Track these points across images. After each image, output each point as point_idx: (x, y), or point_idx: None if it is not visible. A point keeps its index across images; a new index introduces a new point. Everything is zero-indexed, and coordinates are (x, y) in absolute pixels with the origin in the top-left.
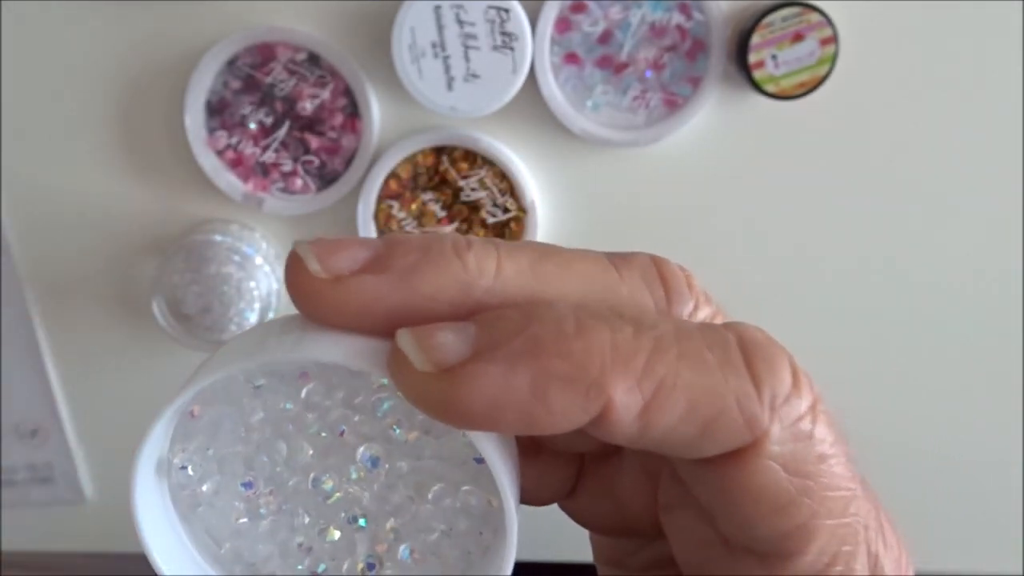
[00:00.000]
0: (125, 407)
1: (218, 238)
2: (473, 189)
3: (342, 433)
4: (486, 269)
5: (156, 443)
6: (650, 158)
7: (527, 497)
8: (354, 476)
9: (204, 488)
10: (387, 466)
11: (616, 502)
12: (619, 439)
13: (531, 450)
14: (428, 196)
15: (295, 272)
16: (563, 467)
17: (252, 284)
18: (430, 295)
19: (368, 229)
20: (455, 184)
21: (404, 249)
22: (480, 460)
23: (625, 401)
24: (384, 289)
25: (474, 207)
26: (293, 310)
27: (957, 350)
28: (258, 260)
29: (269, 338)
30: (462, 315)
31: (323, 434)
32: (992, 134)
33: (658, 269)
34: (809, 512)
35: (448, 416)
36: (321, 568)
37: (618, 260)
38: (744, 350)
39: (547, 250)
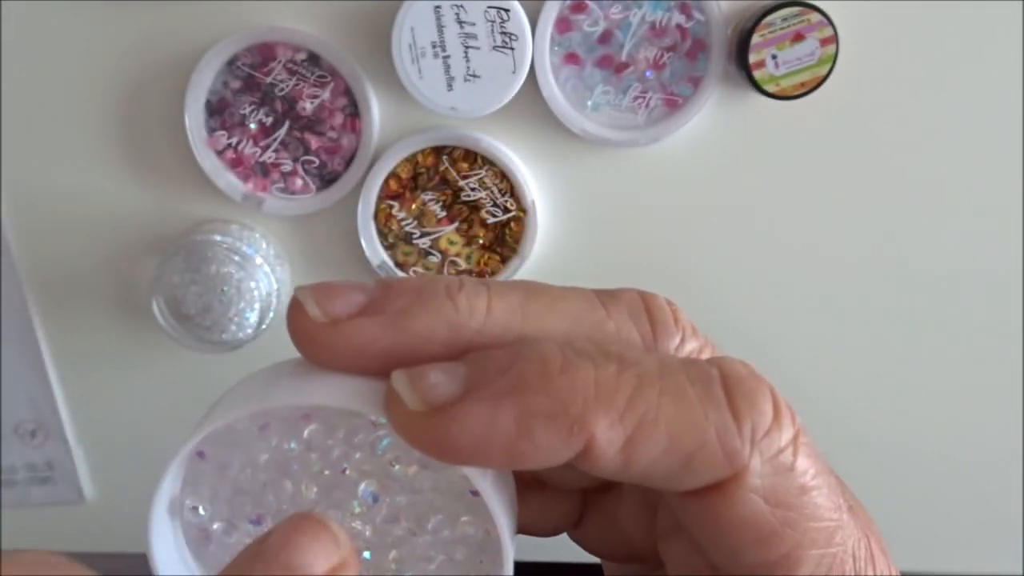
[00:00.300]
0: (125, 407)
1: (218, 238)
2: (473, 189)
3: (344, 471)
4: (477, 310)
5: (169, 485)
6: (650, 158)
7: (534, 528)
8: (356, 511)
9: (215, 527)
10: (387, 500)
11: (619, 532)
12: (603, 473)
13: (534, 484)
14: (428, 196)
15: (296, 317)
16: (565, 500)
17: (252, 284)
18: (423, 336)
19: (368, 229)
20: (455, 184)
21: (397, 292)
22: (476, 492)
23: (607, 436)
24: (378, 331)
25: (474, 207)
26: None
27: (957, 350)
28: (258, 260)
29: (272, 383)
30: (455, 354)
31: (326, 472)
32: (992, 134)
33: (645, 304)
34: (792, 542)
35: (439, 453)
36: None
37: (605, 297)
38: (726, 385)
39: (536, 289)
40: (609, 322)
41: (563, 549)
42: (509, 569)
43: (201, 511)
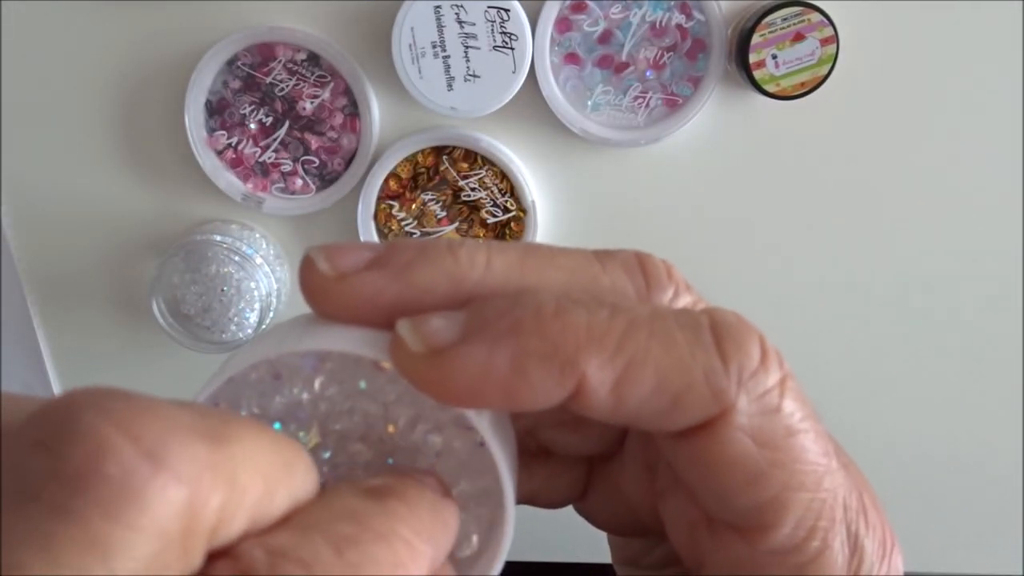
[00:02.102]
0: None
1: (218, 238)
2: (473, 189)
3: (350, 416)
4: (476, 263)
5: None
6: (650, 158)
7: (541, 499)
8: (362, 459)
9: None
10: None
11: (624, 501)
12: (596, 413)
13: (540, 454)
14: (428, 196)
15: (307, 271)
16: (570, 470)
17: (252, 284)
18: (425, 288)
19: (368, 229)
20: (455, 184)
21: (402, 249)
22: (482, 443)
23: (598, 376)
24: (383, 283)
25: (474, 207)
26: (291, 311)
27: (957, 350)
28: (258, 260)
29: (283, 334)
30: (456, 306)
31: (336, 425)
32: (992, 134)
33: (639, 261)
34: (780, 484)
35: (439, 392)
36: None
37: (602, 255)
38: (714, 330)
39: (534, 247)
40: (604, 276)
41: (564, 549)
42: (511, 515)
43: None
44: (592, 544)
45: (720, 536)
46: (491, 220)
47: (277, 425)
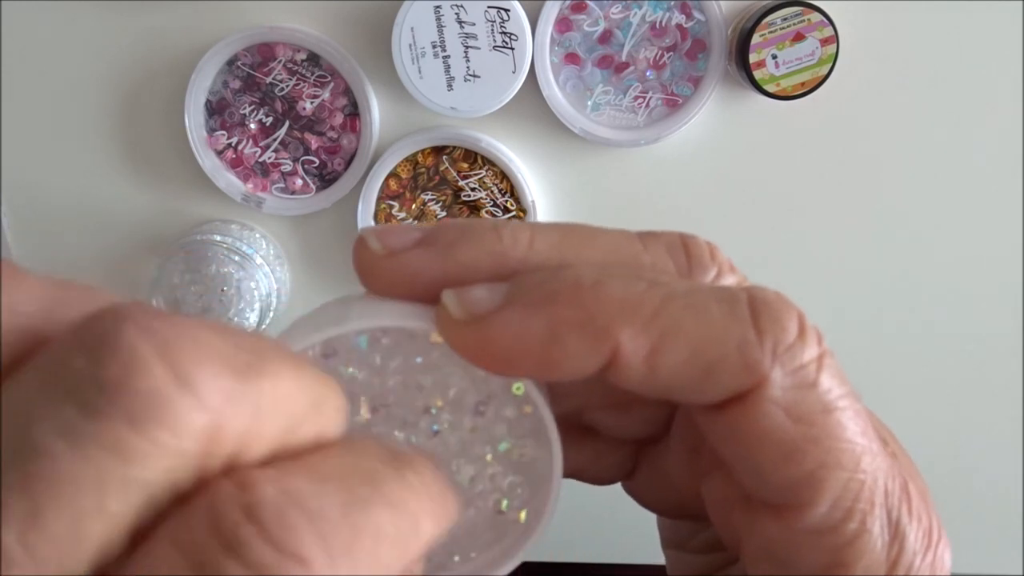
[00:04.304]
0: None
1: (218, 238)
2: (473, 189)
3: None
4: (520, 241)
5: None
6: (650, 158)
7: (588, 474)
8: (414, 439)
9: None
10: (441, 427)
11: (669, 484)
12: (631, 383)
13: (588, 433)
14: (428, 196)
15: (360, 250)
16: (617, 450)
17: (252, 284)
18: (470, 265)
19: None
20: (455, 184)
21: (448, 228)
22: (530, 412)
23: (632, 345)
24: (429, 260)
25: (474, 207)
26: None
27: (957, 349)
28: (258, 260)
29: (336, 312)
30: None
31: (390, 398)
32: (993, 133)
33: (683, 242)
34: (816, 461)
35: (478, 357)
36: None
37: (645, 235)
38: (752, 305)
39: (577, 227)
40: (646, 255)
41: (563, 549)
42: (558, 476)
43: None
44: (592, 544)
45: (756, 515)
46: None
47: None
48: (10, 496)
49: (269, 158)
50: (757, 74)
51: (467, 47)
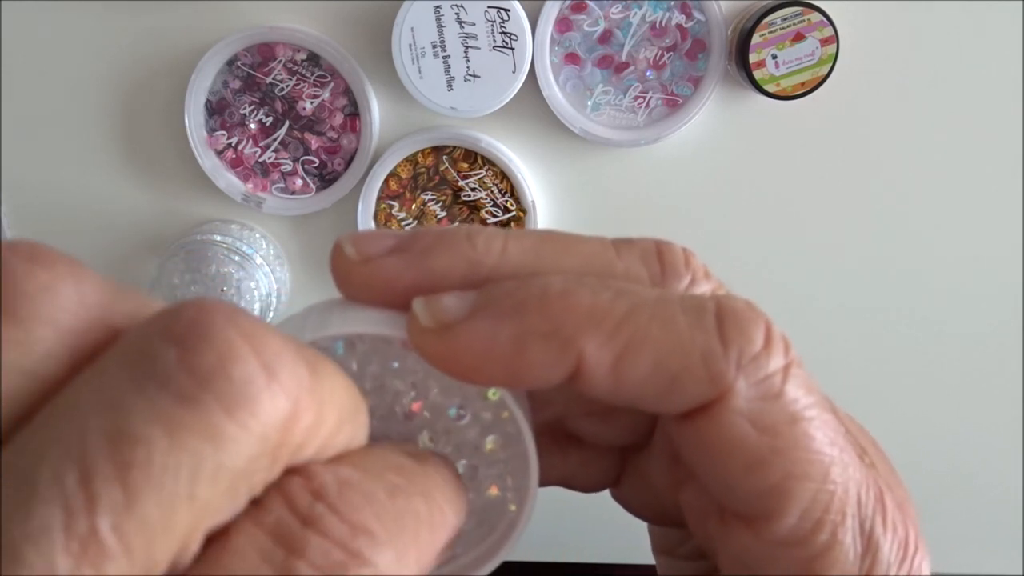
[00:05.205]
0: None
1: (218, 238)
2: (473, 189)
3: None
4: (492, 249)
5: None
6: (650, 158)
7: (575, 481)
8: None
9: None
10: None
11: (653, 491)
12: (597, 392)
13: (573, 441)
14: (428, 196)
15: (336, 256)
16: (603, 458)
17: (252, 284)
18: (443, 272)
19: (368, 229)
20: (455, 184)
21: (422, 236)
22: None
23: (596, 356)
24: (403, 267)
25: (474, 207)
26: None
27: (956, 349)
28: (258, 260)
29: (312, 319)
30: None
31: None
32: (992, 133)
33: (658, 249)
34: (782, 472)
35: (446, 365)
36: None
37: (620, 242)
38: (719, 315)
39: (551, 234)
40: (619, 263)
41: (563, 549)
42: (535, 480)
43: None
44: (592, 544)
45: (729, 526)
46: (491, 220)
47: None
48: (106, 484)
49: (269, 158)
50: (757, 74)
51: (467, 47)
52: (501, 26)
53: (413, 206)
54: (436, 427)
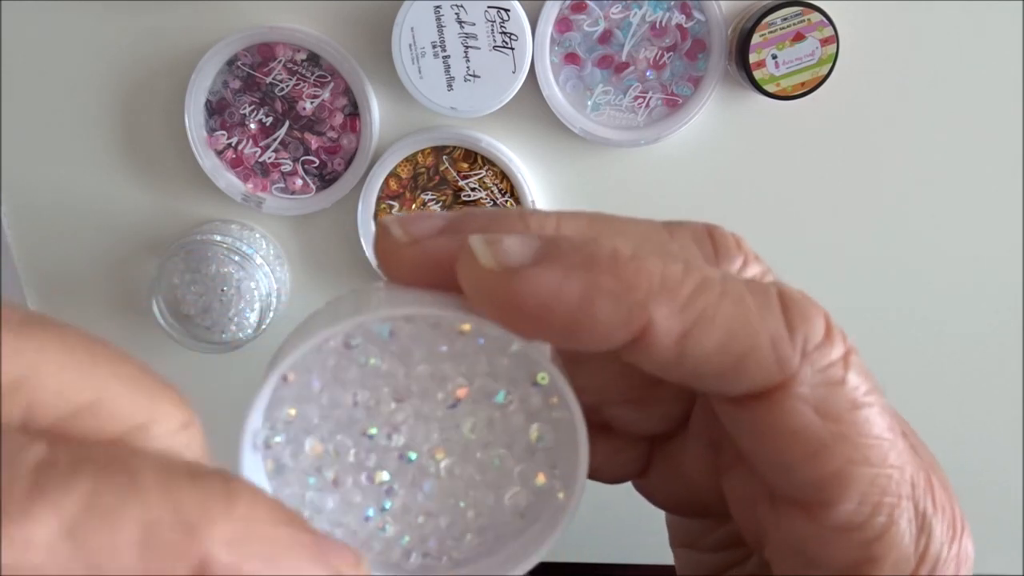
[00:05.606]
0: None
1: (218, 238)
2: (473, 189)
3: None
4: (547, 226)
5: (257, 415)
6: (650, 158)
7: (600, 474)
8: (438, 432)
9: (294, 450)
10: (465, 412)
11: (685, 480)
12: (657, 363)
13: (601, 430)
14: (428, 196)
15: (382, 237)
16: (631, 447)
17: (252, 284)
18: None
19: (368, 229)
20: (455, 184)
21: (474, 215)
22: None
23: (665, 325)
24: (454, 247)
25: (474, 207)
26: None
27: (957, 349)
28: (258, 260)
29: (358, 302)
30: None
31: (412, 387)
32: (992, 133)
33: (708, 232)
34: (843, 458)
35: (503, 312)
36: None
37: (671, 224)
38: (782, 301)
39: (602, 215)
40: (672, 243)
41: (564, 549)
42: (585, 455)
43: (278, 439)
44: (592, 544)
45: (782, 512)
46: None
47: (350, 395)
48: None
49: (269, 158)
50: (757, 74)
51: (467, 47)
52: (501, 26)
53: (413, 206)
54: (479, 415)
